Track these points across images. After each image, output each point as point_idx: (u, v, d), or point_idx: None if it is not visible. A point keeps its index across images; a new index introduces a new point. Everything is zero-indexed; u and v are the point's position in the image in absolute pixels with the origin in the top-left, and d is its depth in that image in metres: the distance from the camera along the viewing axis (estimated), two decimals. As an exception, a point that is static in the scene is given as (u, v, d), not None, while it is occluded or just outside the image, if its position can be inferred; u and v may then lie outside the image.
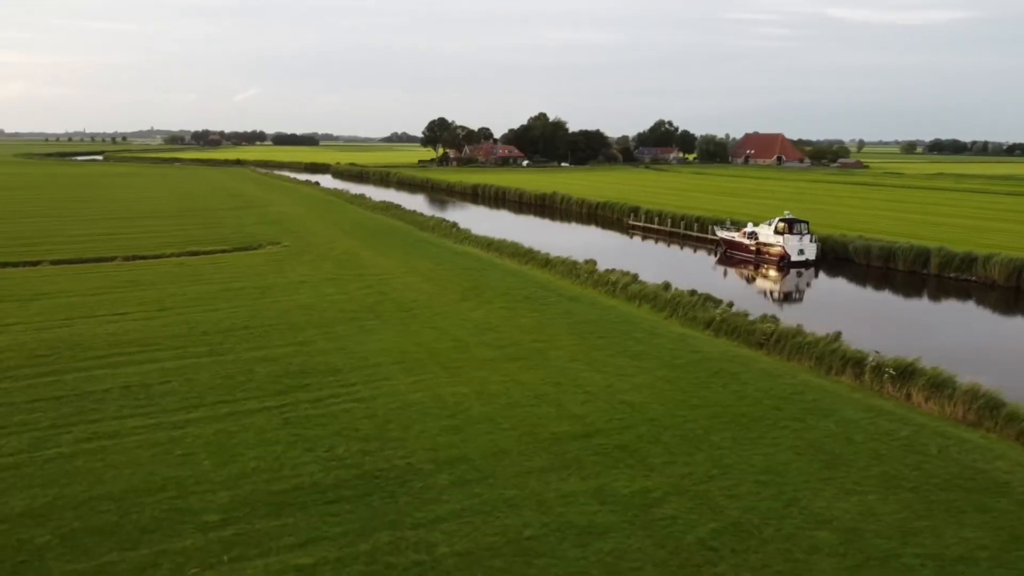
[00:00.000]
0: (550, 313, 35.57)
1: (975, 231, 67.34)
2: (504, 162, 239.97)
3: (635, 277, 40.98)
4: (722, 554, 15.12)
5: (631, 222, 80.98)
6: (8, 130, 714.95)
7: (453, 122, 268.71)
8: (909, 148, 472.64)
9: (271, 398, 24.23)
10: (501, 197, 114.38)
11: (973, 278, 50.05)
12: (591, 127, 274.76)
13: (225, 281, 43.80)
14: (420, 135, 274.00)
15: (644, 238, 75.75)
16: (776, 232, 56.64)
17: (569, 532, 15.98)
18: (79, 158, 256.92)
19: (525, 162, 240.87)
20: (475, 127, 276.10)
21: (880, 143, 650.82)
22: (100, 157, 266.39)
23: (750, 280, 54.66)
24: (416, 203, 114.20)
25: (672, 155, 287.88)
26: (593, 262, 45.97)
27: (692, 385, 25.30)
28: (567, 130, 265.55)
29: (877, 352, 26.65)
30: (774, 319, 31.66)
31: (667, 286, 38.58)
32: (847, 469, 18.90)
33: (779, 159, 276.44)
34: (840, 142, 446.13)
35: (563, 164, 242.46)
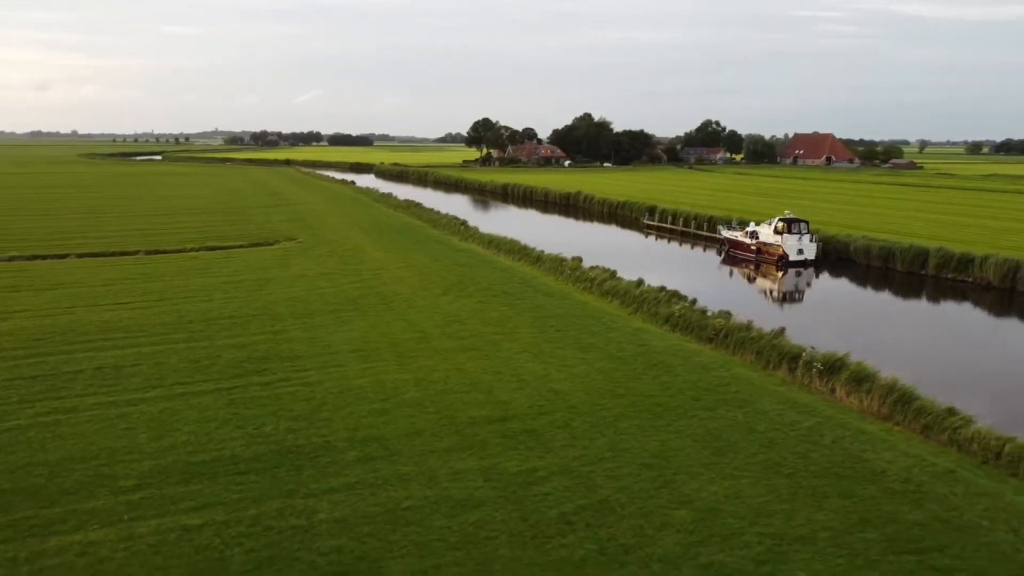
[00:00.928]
0: (521, 307, 36.59)
1: (1002, 233, 65.72)
2: (546, 162, 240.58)
3: (613, 273, 41.70)
4: (576, 527, 16.03)
5: (646, 221, 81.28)
6: (81, 131, 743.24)
7: (497, 122, 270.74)
8: (975, 149, 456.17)
9: (226, 380, 25.81)
10: (529, 196, 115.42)
11: (969, 279, 49.34)
12: (643, 127, 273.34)
13: (229, 275, 45.85)
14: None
15: (658, 237, 76.02)
16: (776, 232, 56.54)
17: (444, 505, 17.07)
18: (139, 158, 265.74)
19: (567, 162, 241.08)
20: (525, 127, 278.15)
21: (948, 143, 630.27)
22: (159, 157, 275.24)
23: (750, 280, 54.67)
24: (444, 202, 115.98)
25: (718, 156, 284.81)
26: (579, 259, 46.74)
27: (625, 376, 26.10)
28: (611, 130, 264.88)
29: (812, 348, 27.02)
30: (727, 315, 32.11)
31: (640, 283, 39.18)
32: (734, 456, 19.57)
33: (828, 160, 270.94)
34: (905, 142, 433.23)
35: (605, 164, 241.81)
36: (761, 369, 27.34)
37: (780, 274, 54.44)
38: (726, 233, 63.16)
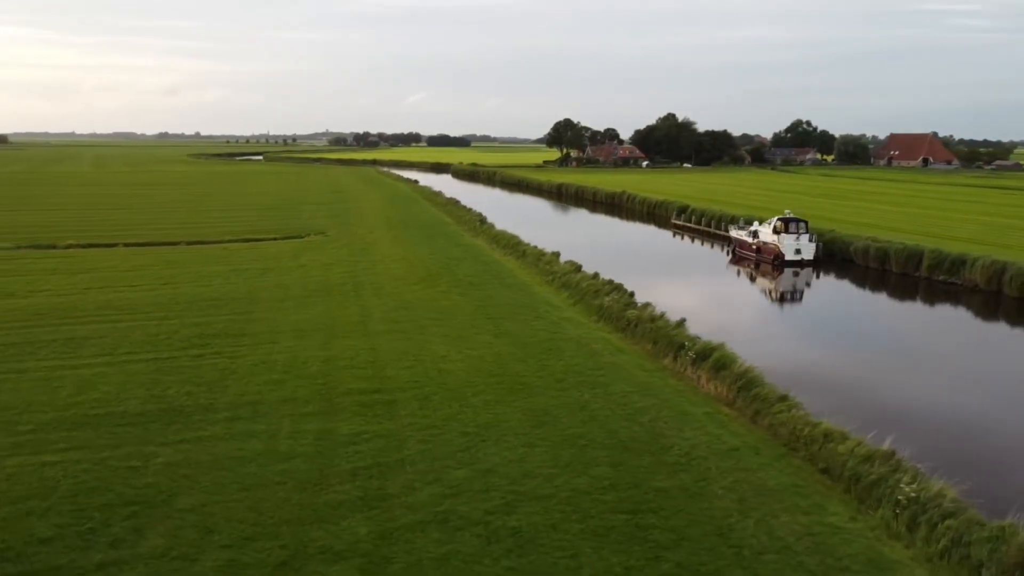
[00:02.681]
0: (474, 296, 38.70)
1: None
2: (624, 163, 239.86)
3: (578, 268, 43.22)
4: (357, 478, 18.06)
5: (674, 221, 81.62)
6: (203, 133, 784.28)
7: (579, 123, 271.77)
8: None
9: (168, 352, 29.03)
10: (579, 196, 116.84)
11: (959, 282, 48.08)
12: (737, 128, 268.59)
13: (240, 264, 49.76)
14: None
15: (683, 236, 76.42)
16: (774, 231, 56.34)
17: (266, 457, 19.46)
18: (240, 158, 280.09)
19: (645, 163, 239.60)
20: (607, 127, 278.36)
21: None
22: (260, 157, 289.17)
23: (751, 279, 54.87)
24: (497, 200, 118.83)
25: (808, 157, 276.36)
26: (557, 254, 48.38)
27: (514, 359, 27.90)
28: (695, 130, 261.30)
29: (697, 337, 28.06)
30: (645, 307, 33.27)
31: (596, 275, 40.63)
32: (550, 429, 21.19)
33: (925, 161, 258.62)
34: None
35: (685, 165, 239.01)
36: (651, 356, 28.60)
37: (777, 274, 54.35)
38: (734, 233, 63.17)
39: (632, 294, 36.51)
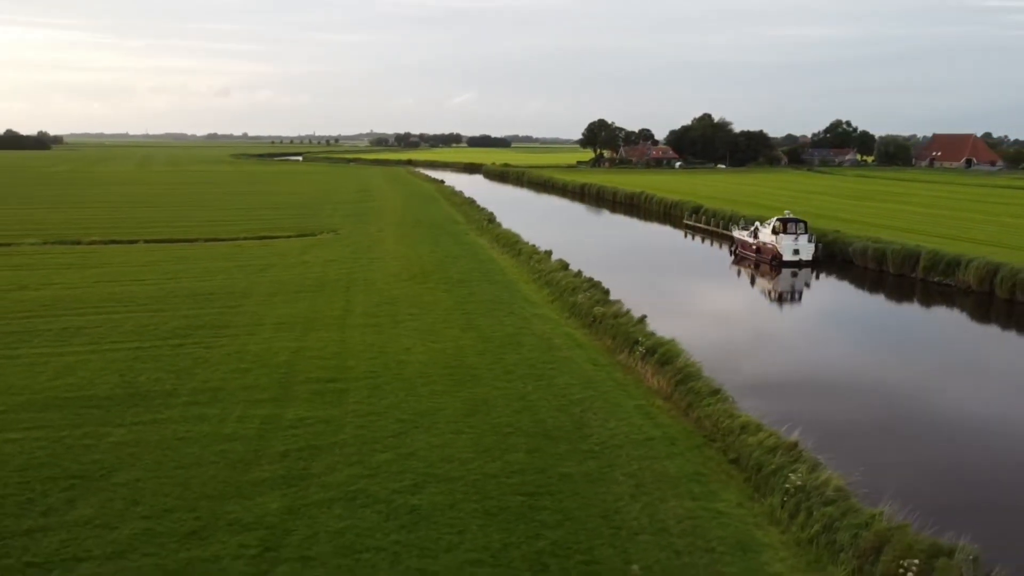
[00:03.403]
0: (458, 293, 39.69)
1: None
2: (657, 163, 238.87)
3: (564, 266, 43.99)
4: (287, 459, 19.16)
5: (686, 221, 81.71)
6: (251, 133, 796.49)
7: (613, 123, 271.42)
8: None
9: (151, 341, 30.54)
10: (600, 196, 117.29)
11: (954, 283, 47.60)
12: (777, 129, 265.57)
13: (245, 260, 51.42)
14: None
15: (694, 236, 76.52)
16: (773, 232, 56.30)
17: (210, 438, 20.58)
18: (280, 158, 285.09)
19: (678, 164, 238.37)
20: (642, 128, 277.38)
21: None
22: (299, 158, 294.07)
23: (747, 280, 54.97)
24: (519, 200, 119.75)
25: (847, 157, 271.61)
26: (549, 252, 49.16)
27: (474, 352, 28.82)
28: (731, 131, 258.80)
29: (653, 333, 28.66)
30: (611, 304, 33.90)
31: (578, 273, 41.38)
32: (482, 417, 22.07)
33: (968, 162, 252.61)
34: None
35: (719, 166, 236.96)
36: (609, 351, 29.28)
37: (774, 274, 54.35)
38: (736, 233, 63.21)
39: (607, 292, 37.15)
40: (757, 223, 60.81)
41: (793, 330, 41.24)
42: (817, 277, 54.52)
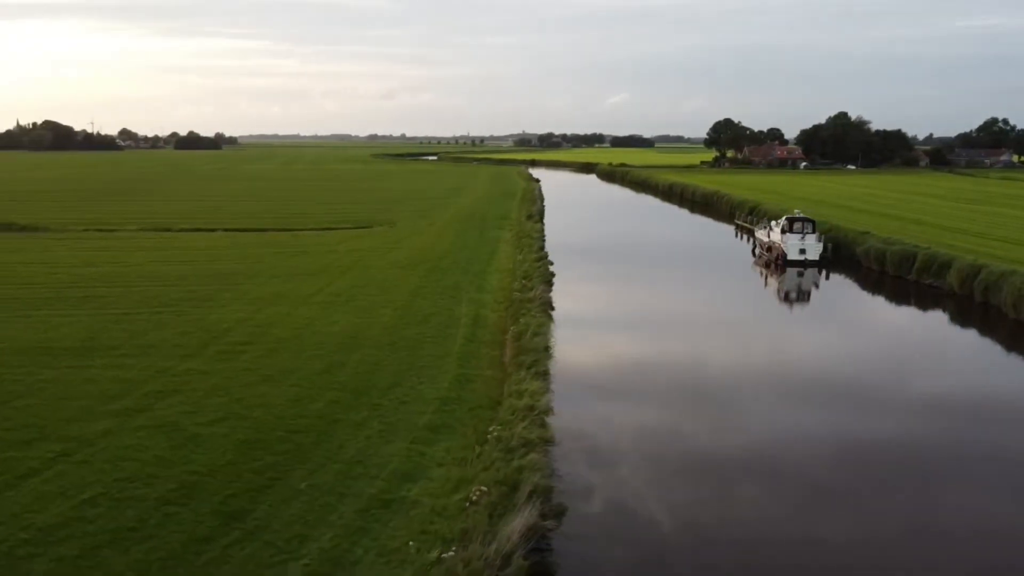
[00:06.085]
0: (431, 279, 43.39)
1: None
2: (781, 164, 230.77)
3: (543, 257, 46.73)
4: (163, 397, 23.72)
5: (737, 220, 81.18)
6: (409, 134, 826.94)
7: (739, 122, 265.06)
8: None
9: (143, 309, 35.86)
10: (682, 196, 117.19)
11: (942, 285, 45.84)
12: (929, 128, 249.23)
13: (285, 247, 56.98)
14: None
15: (741, 235, 76.28)
16: (781, 231, 55.81)
17: (108, 382, 25.35)
18: (412, 158, 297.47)
19: (803, 164, 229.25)
20: (771, 127, 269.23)
21: None
22: (434, 157, 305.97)
23: (751, 278, 55.20)
24: (607, 197, 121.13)
25: (1001, 158, 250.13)
26: (542, 246, 51.89)
27: (382, 328, 32.33)
28: (867, 130, 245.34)
29: (545, 315, 31.17)
30: (529, 290, 36.43)
31: (542, 261, 44.08)
32: (329, 376, 25.70)
33: None
34: None
35: (849, 167, 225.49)
36: (502, 331, 32.04)
37: (779, 273, 54.08)
38: (758, 232, 62.81)
39: (551, 278, 39.63)
40: (772, 222, 60.29)
41: (715, 329, 41.75)
42: (827, 278, 53.76)
